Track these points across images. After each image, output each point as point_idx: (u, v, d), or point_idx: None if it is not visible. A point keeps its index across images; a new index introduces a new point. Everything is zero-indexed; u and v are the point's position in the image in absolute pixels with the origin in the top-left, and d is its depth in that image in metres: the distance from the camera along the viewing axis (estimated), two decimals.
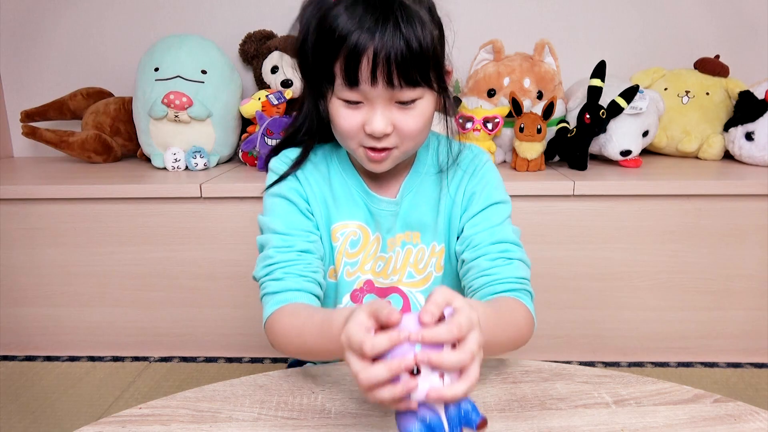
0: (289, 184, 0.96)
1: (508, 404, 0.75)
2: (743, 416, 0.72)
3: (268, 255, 0.90)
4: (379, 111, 0.84)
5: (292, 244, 0.91)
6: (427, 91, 0.86)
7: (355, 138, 0.88)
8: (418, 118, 0.86)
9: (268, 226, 0.93)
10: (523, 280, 0.91)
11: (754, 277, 1.93)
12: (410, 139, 0.88)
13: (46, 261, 2.00)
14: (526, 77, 2.10)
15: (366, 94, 0.83)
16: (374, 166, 0.91)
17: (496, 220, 0.95)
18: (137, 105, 2.16)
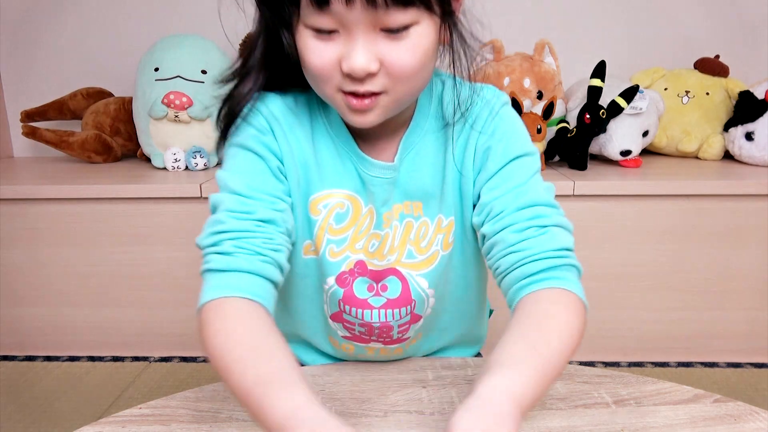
0: (260, 134, 0.77)
1: None
2: (743, 416, 0.72)
3: (219, 219, 0.71)
4: (360, 41, 0.64)
5: (252, 210, 0.72)
6: (424, 15, 0.66)
7: (330, 80, 0.68)
8: (412, 51, 0.66)
9: (226, 184, 0.74)
10: (563, 251, 0.72)
11: (754, 277, 1.93)
12: (404, 81, 0.68)
13: (46, 261, 2.00)
14: (526, 77, 2.10)
15: (341, 19, 0.64)
16: (357, 117, 0.70)
17: (520, 177, 0.75)
18: (137, 105, 2.16)
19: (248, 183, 0.73)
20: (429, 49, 0.68)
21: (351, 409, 0.75)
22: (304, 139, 0.78)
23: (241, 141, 0.76)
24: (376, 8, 0.62)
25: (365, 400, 0.76)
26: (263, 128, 0.77)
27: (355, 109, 0.69)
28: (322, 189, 0.79)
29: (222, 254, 0.69)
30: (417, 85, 0.71)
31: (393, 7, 0.63)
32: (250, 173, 0.75)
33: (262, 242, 0.70)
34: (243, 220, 0.71)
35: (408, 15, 0.64)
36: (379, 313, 0.81)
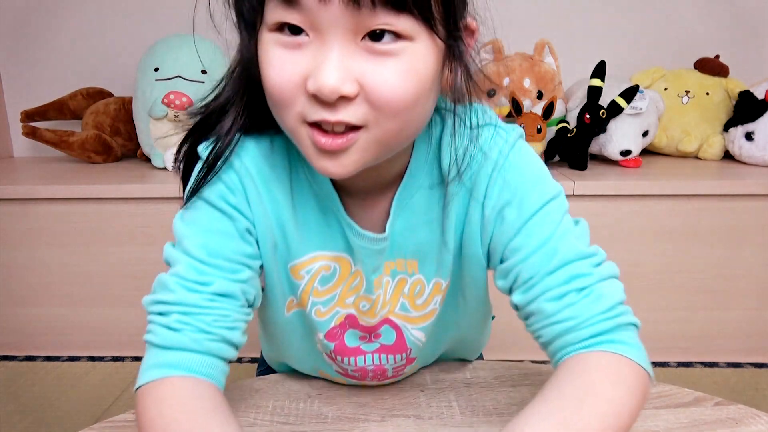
0: (230, 192, 0.64)
1: (507, 408, 0.75)
2: (744, 419, 0.71)
3: (170, 287, 0.61)
4: (334, 52, 0.50)
5: (208, 281, 0.61)
6: (422, 31, 0.52)
7: (291, 105, 0.53)
8: (404, 74, 0.51)
9: (183, 243, 0.62)
10: (613, 309, 0.61)
11: (754, 277, 1.93)
12: (391, 114, 0.52)
13: (46, 261, 2.00)
14: (526, 77, 2.10)
15: (313, 19, 0.50)
16: (327, 162, 0.55)
17: (545, 231, 0.62)
18: (137, 105, 2.16)
19: (208, 247, 0.62)
20: (426, 77, 0.53)
21: (348, 413, 0.75)
22: (282, 196, 0.65)
23: (207, 196, 0.63)
24: (359, 7, 0.48)
25: (363, 405, 0.76)
26: (234, 186, 0.64)
27: (323, 149, 0.54)
28: (304, 254, 0.68)
29: (167, 328, 0.60)
30: (410, 123, 0.56)
31: (382, 7, 0.49)
32: (212, 235, 0.63)
33: (213, 320, 0.61)
34: (195, 292, 0.61)
35: (401, 23, 0.50)
36: (372, 357, 0.75)
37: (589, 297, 0.61)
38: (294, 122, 0.55)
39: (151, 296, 0.63)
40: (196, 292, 0.61)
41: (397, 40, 0.51)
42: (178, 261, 0.62)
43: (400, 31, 0.50)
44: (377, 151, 0.56)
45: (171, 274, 0.62)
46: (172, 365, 0.59)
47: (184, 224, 0.64)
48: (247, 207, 0.64)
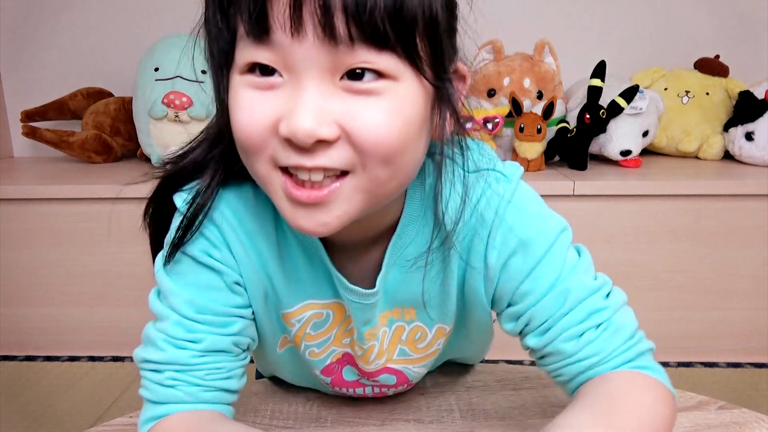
0: (213, 248, 0.60)
1: (508, 412, 0.75)
2: (748, 424, 0.71)
3: (157, 345, 0.58)
4: (310, 92, 0.45)
5: (197, 339, 0.58)
6: (407, 71, 0.47)
7: (263, 150, 0.48)
8: (389, 113, 0.46)
9: (169, 298, 0.59)
10: (631, 339, 0.61)
11: (755, 277, 1.93)
12: (379, 159, 0.47)
13: (47, 261, 2.00)
14: (526, 77, 2.09)
15: (286, 56, 0.45)
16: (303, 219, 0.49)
17: (554, 272, 0.59)
18: (137, 105, 2.16)
19: (195, 303, 0.59)
20: (414, 120, 0.48)
21: (347, 417, 0.74)
22: (266, 247, 0.61)
23: (190, 251, 0.59)
24: (336, 44, 0.44)
25: (362, 408, 0.76)
26: (216, 241, 0.60)
27: (299, 202, 0.48)
28: (295, 304, 0.64)
29: (160, 385, 0.59)
30: (400, 171, 0.50)
31: (361, 44, 0.44)
32: (199, 290, 0.59)
33: (206, 374, 0.59)
34: (185, 349, 0.58)
35: (383, 61, 0.45)
36: (372, 389, 0.74)
37: (607, 331, 0.60)
38: (265, 169, 0.50)
39: (140, 352, 0.60)
40: (185, 349, 0.58)
41: (380, 79, 0.46)
42: (166, 317, 0.59)
43: (382, 69, 0.46)
44: (364, 203, 0.50)
45: (159, 330, 0.59)
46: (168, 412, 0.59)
47: (169, 277, 0.59)
48: (233, 260, 0.60)
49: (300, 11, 0.43)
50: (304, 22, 0.43)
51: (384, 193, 0.51)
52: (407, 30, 0.45)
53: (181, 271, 0.59)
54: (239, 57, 0.48)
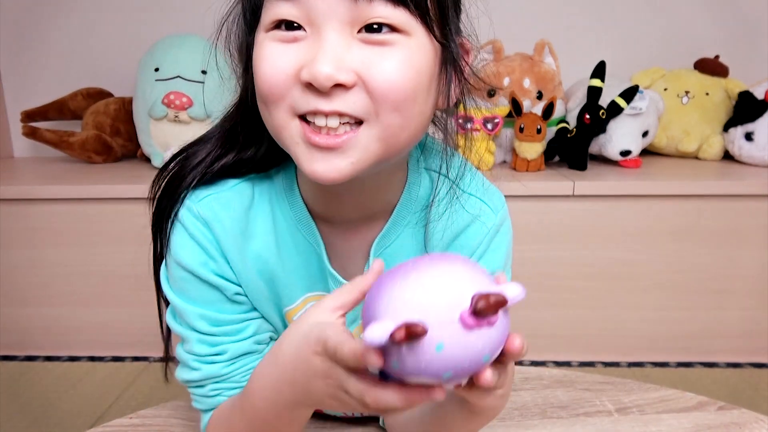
0: (210, 260, 0.62)
1: (508, 413, 0.75)
2: (748, 424, 0.72)
3: (190, 365, 0.63)
4: (330, 41, 0.50)
5: (222, 351, 0.63)
6: (418, 28, 0.51)
7: (283, 98, 0.52)
8: (403, 64, 0.51)
9: (183, 317, 0.63)
10: None
11: (754, 277, 1.93)
12: (393, 106, 0.51)
13: (47, 261, 2.00)
14: (526, 77, 2.09)
15: (309, 10, 0.50)
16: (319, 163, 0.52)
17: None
18: (137, 105, 2.16)
19: (208, 318, 0.62)
20: (424, 72, 0.52)
21: (347, 417, 0.75)
22: (265, 246, 0.63)
23: (190, 266, 0.61)
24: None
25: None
26: (213, 251, 0.62)
27: (317, 147, 0.51)
28: (296, 299, 0.66)
29: (206, 396, 0.64)
30: (410, 121, 0.53)
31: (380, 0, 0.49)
32: (207, 305, 0.62)
33: (242, 375, 0.64)
34: (215, 363, 0.63)
35: (398, 16, 0.50)
36: None
37: None
38: (284, 117, 0.53)
39: (181, 374, 0.65)
40: (215, 363, 0.63)
41: (394, 33, 0.51)
42: (188, 338, 0.63)
43: (396, 24, 0.50)
44: (377, 154, 0.53)
45: (187, 351, 0.64)
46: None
47: (176, 295, 0.63)
48: (230, 271, 0.63)
49: None
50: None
51: (395, 145, 0.54)
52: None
53: (185, 288, 0.62)
54: (265, 16, 0.52)
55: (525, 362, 1.93)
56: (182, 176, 0.63)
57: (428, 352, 0.39)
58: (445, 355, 0.39)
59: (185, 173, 0.63)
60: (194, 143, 0.65)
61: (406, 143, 0.55)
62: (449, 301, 0.40)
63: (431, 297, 0.40)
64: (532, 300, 1.92)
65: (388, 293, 0.41)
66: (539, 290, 1.94)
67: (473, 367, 0.41)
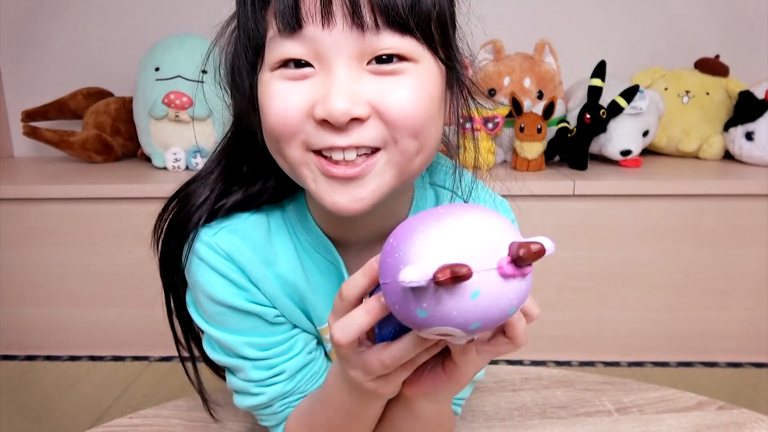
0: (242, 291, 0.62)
1: (508, 413, 0.75)
2: (748, 424, 0.72)
3: (252, 392, 0.64)
4: (341, 76, 0.49)
5: (279, 371, 0.63)
6: (425, 53, 0.52)
7: (295, 135, 0.52)
8: (415, 90, 0.51)
9: (230, 348, 0.63)
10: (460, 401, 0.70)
11: (755, 277, 1.93)
12: (408, 133, 0.51)
13: (47, 261, 2.00)
14: (527, 77, 2.09)
15: (317, 46, 0.50)
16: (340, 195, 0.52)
17: None
18: (138, 105, 2.16)
19: (254, 344, 0.62)
20: (434, 96, 0.53)
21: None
22: (291, 270, 0.64)
23: (223, 299, 0.61)
24: (363, 30, 0.49)
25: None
26: (244, 283, 0.62)
27: (336, 179, 0.52)
28: (325, 319, 0.65)
29: (275, 414, 0.65)
30: (426, 145, 0.54)
31: (386, 29, 0.49)
32: (249, 332, 0.62)
33: (306, 386, 0.64)
34: (276, 384, 0.63)
35: (405, 44, 0.50)
36: None
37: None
38: (298, 154, 0.53)
39: (243, 402, 0.65)
40: (276, 384, 0.63)
41: (403, 61, 0.51)
42: (241, 367, 0.63)
43: (405, 53, 0.50)
44: (395, 178, 0.54)
45: (243, 380, 0.63)
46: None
47: (217, 329, 0.63)
48: (263, 297, 0.63)
49: (330, 4, 0.48)
50: (333, 13, 0.48)
51: (411, 169, 0.54)
52: (424, 18, 0.50)
53: (223, 320, 0.62)
54: (270, 56, 0.52)
55: (525, 362, 1.93)
56: (188, 216, 0.62)
57: (463, 299, 0.38)
58: (479, 304, 0.38)
59: (190, 213, 0.62)
60: (191, 181, 0.65)
61: (421, 165, 0.56)
62: (488, 248, 0.39)
63: (470, 241, 0.39)
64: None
65: (422, 237, 0.39)
66: (539, 290, 1.91)
67: (499, 319, 0.40)
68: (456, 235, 0.39)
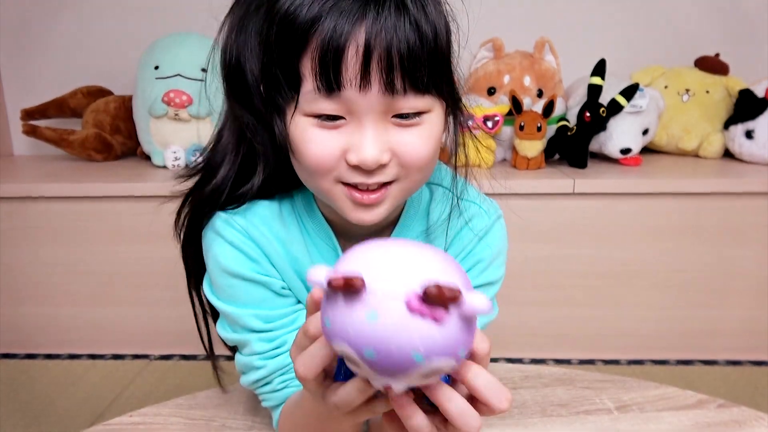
0: (253, 263, 0.68)
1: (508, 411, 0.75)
2: (748, 422, 0.72)
3: (254, 365, 0.69)
4: (370, 130, 0.58)
5: (281, 343, 0.69)
6: (437, 103, 0.61)
7: (330, 173, 0.61)
8: (426, 139, 0.61)
9: (237, 322, 0.68)
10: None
11: (754, 275, 1.93)
12: (416, 170, 0.62)
13: (47, 259, 2.00)
14: (526, 75, 2.09)
15: (351, 105, 0.57)
16: (362, 214, 0.63)
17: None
18: (137, 103, 2.16)
19: (261, 316, 0.68)
20: (440, 136, 0.64)
21: None
22: (300, 251, 0.71)
23: (235, 270, 0.68)
24: (393, 94, 0.57)
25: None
26: (257, 255, 0.69)
27: (361, 203, 0.62)
28: None
29: (274, 391, 0.69)
30: (429, 172, 0.66)
31: (411, 93, 0.58)
32: (257, 304, 0.69)
33: None
34: (278, 356, 0.68)
35: (424, 102, 0.59)
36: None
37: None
38: (330, 184, 0.62)
39: (246, 378, 0.70)
40: (279, 356, 0.68)
41: (421, 114, 0.60)
42: (247, 341, 0.68)
43: (423, 109, 0.60)
44: (401, 198, 0.65)
45: (249, 354, 0.69)
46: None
47: (228, 303, 0.69)
48: (274, 270, 0.69)
49: (368, 73, 0.55)
50: (371, 80, 0.56)
51: (415, 189, 0.66)
52: (440, 79, 0.60)
53: (234, 294, 0.68)
54: (306, 105, 0.58)
55: (525, 360, 1.93)
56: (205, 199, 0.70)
57: (359, 317, 0.37)
58: (376, 329, 0.37)
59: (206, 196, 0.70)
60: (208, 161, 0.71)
61: (421, 185, 0.68)
62: (404, 279, 0.38)
63: (388, 267, 0.39)
64: (532, 297, 1.93)
65: (353, 254, 0.40)
66: (539, 288, 1.94)
67: (398, 358, 0.37)
68: (381, 258, 0.39)
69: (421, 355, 0.37)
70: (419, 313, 0.37)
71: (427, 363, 0.38)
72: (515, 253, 1.89)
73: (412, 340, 0.37)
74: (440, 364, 0.38)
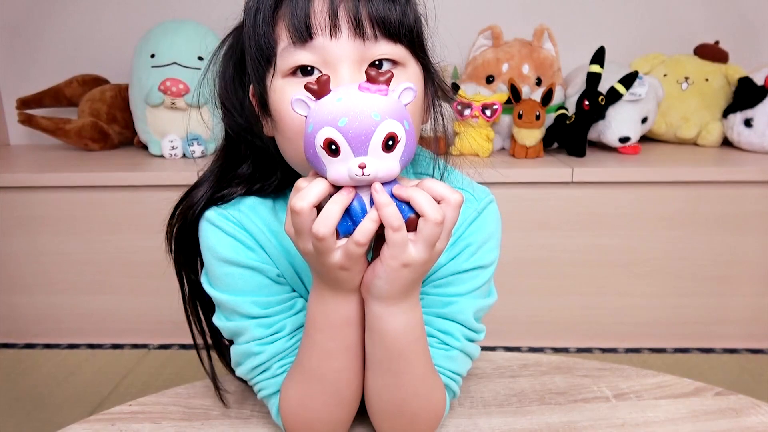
0: (248, 250, 0.69)
1: (506, 399, 0.75)
2: (745, 410, 0.72)
3: (252, 351, 0.69)
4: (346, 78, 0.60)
5: (279, 328, 0.69)
6: (410, 59, 0.64)
7: None
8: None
9: (236, 310, 0.68)
10: (455, 376, 0.71)
11: (753, 264, 1.93)
12: None
13: (44, 249, 1.99)
14: (525, 63, 2.09)
15: (324, 55, 0.60)
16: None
17: (461, 288, 0.70)
18: (133, 92, 2.14)
19: (258, 302, 0.68)
20: (419, 95, 0.64)
21: None
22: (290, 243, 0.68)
23: (231, 258, 0.68)
24: (364, 39, 0.60)
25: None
26: (252, 244, 0.69)
27: None
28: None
29: (273, 377, 0.69)
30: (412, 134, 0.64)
31: (383, 38, 0.60)
32: (253, 291, 0.69)
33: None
34: (275, 341, 0.69)
35: (396, 51, 0.62)
36: None
37: (447, 353, 0.69)
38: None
39: (244, 367, 0.70)
40: (277, 341, 0.68)
41: (394, 66, 0.62)
42: (245, 328, 0.68)
43: (396, 58, 0.62)
44: None
45: (246, 341, 0.68)
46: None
47: (224, 293, 0.69)
48: (269, 258, 0.70)
49: (336, 18, 0.59)
50: (339, 26, 0.59)
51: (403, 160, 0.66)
52: (410, 29, 0.62)
53: (230, 282, 0.68)
54: (283, 64, 0.62)
55: (523, 348, 1.94)
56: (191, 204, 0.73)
57: (330, 102, 0.51)
58: (343, 104, 0.50)
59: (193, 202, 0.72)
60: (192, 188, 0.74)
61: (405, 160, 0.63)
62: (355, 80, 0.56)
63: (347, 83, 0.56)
64: (531, 286, 1.93)
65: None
66: (537, 276, 1.94)
67: (365, 121, 0.50)
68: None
69: (378, 113, 0.50)
70: (368, 90, 0.51)
71: (383, 122, 0.50)
72: (514, 242, 1.90)
73: (369, 104, 0.50)
74: (394, 126, 0.51)
